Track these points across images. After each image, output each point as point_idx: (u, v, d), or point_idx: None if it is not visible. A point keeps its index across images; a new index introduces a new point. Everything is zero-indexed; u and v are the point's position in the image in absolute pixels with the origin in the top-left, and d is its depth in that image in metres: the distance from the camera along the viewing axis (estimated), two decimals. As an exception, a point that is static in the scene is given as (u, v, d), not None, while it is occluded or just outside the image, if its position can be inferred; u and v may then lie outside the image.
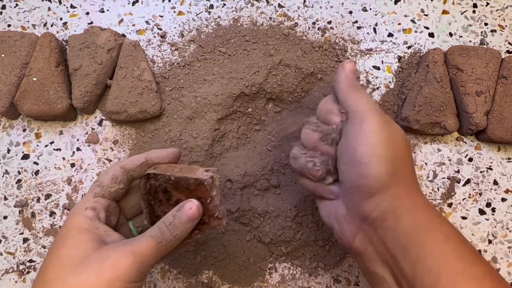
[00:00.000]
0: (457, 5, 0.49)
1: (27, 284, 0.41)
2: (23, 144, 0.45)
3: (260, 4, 0.49)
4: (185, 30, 0.48)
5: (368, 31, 0.48)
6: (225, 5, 0.49)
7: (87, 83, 0.42)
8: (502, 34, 0.48)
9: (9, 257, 0.42)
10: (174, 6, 0.49)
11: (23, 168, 0.44)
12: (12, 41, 0.43)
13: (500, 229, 0.44)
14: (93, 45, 0.43)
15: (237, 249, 0.42)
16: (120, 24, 0.48)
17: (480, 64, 0.43)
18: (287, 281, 0.42)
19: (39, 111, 0.42)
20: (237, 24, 0.47)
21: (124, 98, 0.42)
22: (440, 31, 0.48)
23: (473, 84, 0.43)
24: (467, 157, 0.45)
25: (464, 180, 0.45)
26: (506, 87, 0.43)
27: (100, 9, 0.49)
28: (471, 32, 0.48)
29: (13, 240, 0.42)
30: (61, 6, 0.49)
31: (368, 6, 0.49)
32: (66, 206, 0.43)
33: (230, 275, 0.42)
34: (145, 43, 0.47)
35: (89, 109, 0.44)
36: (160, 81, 0.45)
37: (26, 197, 0.43)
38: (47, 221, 0.43)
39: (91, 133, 0.45)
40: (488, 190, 0.45)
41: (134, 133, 0.45)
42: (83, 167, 0.44)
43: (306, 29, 0.48)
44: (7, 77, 0.42)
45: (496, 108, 0.43)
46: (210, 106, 0.43)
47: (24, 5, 0.49)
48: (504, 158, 0.45)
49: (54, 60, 0.42)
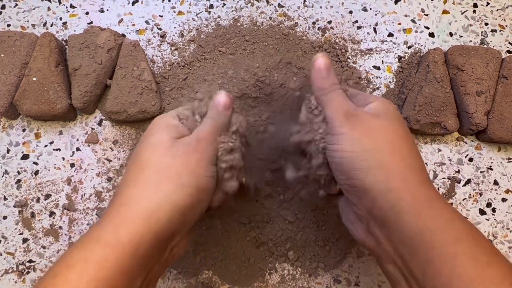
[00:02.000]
0: (457, 5, 0.49)
1: (26, 284, 0.41)
2: (22, 144, 0.45)
3: (260, 4, 0.49)
4: (185, 30, 0.47)
5: (368, 31, 0.48)
6: (225, 5, 0.48)
7: (86, 83, 0.42)
8: (502, 34, 0.48)
9: (8, 257, 0.42)
10: (174, 6, 0.49)
11: (22, 168, 0.44)
12: (12, 41, 0.43)
13: (501, 229, 0.44)
14: (93, 45, 0.42)
15: (237, 249, 0.42)
16: (120, 24, 0.48)
17: (480, 64, 0.43)
18: (287, 281, 0.42)
19: (38, 111, 0.42)
20: (237, 24, 0.47)
21: (124, 98, 0.42)
22: (440, 31, 0.48)
23: (474, 84, 0.43)
24: (467, 157, 0.45)
25: (465, 180, 0.45)
26: (507, 87, 0.43)
27: (99, 9, 0.48)
28: (472, 32, 0.48)
29: (13, 240, 0.42)
30: (61, 6, 0.49)
31: (368, 6, 0.49)
32: (66, 206, 0.43)
33: (230, 275, 0.42)
34: (145, 43, 0.47)
35: (88, 109, 0.44)
36: (160, 81, 0.45)
37: (26, 197, 0.43)
38: (46, 221, 0.43)
39: (91, 133, 0.45)
40: (489, 190, 0.44)
41: (134, 133, 0.45)
42: (83, 167, 0.44)
43: (306, 29, 0.48)
44: (6, 77, 0.42)
45: (497, 108, 0.43)
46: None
47: (23, 5, 0.48)
48: (505, 158, 0.45)
49: (54, 60, 0.42)
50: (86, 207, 0.43)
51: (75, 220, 0.43)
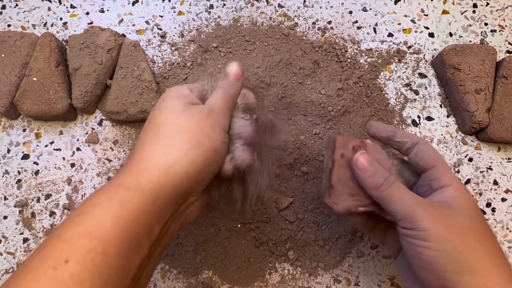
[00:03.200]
0: (457, 5, 0.49)
1: (27, 284, 0.41)
2: (23, 144, 0.45)
3: (260, 4, 0.49)
4: (185, 30, 0.48)
5: (368, 31, 0.48)
6: (225, 5, 0.49)
7: (87, 83, 0.42)
8: (502, 34, 0.48)
9: (9, 257, 0.42)
10: (174, 6, 0.49)
11: (23, 168, 0.44)
12: (12, 41, 0.43)
13: (500, 229, 0.44)
14: (93, 45, 0.43)
15: (237, 249, 0.42)
16: (120, 24, 0.48)
17: (476, 62, 0.43)
18: (287, 281, 0.42)
19: (39, 111, 0.42)
20: (237, 24, 0.47)
21: (124, 98, 0.42)
22: (440, 31, 0.48)
23: (472, 82, 0.43)
24: (467, 157, 0.45)
25: (464, 180, 0.45)
26: (506, 87, 0.43)
27: (100, 9, 0.49)
28: (471, 32, 0.48)
29: (13, 240, 0.42)
30: (61, 6, 0.49)
31: (368, 6, 0.49)
32: (66, 206, 0.43)
33: (230, 275, 0.42)
34: (145, 43, 0.47)
35: (89, 109, 0.44)
36: (160, 81, 0.45)
37: (26, 197, 0.43)
38: (47, 221, 0.43)
39: (91, 133, 0.45)
40: (488, 190, 0.45)
41: (134, 133, 0.45)
42: (83, 167, 0.44)
43: (306, 29, 0.48)
44: (7, 77, 0.42)
45: (497, 108, 0.43)
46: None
47: (24, 5, 0.49)
48: (504, 158, 0.45)
49: (54, 60, 0.42)
50: (86, 207, 0.43)
51: (75, 220, 0.43)
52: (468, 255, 0.26)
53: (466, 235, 0.26)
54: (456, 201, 0.28)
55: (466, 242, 0.26)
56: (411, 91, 0.47)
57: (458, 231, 0.26)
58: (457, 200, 0.28)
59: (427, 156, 0.30)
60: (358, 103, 0.45)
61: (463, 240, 0.26)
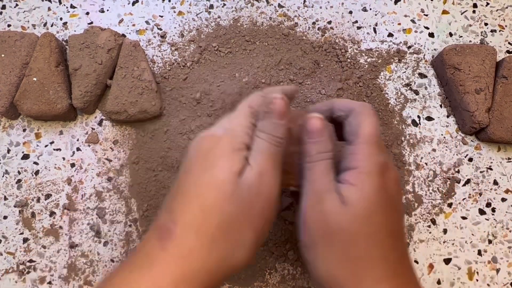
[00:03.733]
0: (457, 5, 0.49)
1: (27, 284, 0.41)
2: (23, 144, 0.45)
3: (260, 4, 0.49)
4: (185, 30, 0.48)
5: (368, 31, 0.48)
6: (225, 5, 0.49)
7: (87, 83, 0.42)
8: (502, 34, 0.48)
9: (9, 257, 0.42)
10: (174, 6, 0.49)
11: (23, 168, 0.44)
12: (12, 41, 0.43)
13: (500, 229, 0.44)
14: (93, 45, 0.43)
15: (237, 249, 0.42)
16: (120, 24, 0.48)
17: (476, 62, 0.43)
18: (287, 281, 0.42)
19: (39, 111, 0.42)
20: (237, 24, 0.47)
21: (124, 98, 0.42)
22: (440, 31, 0.48)
23: (472, 82, 0.43)
24: (467, 157, 0.45)
25: (464, 180, 0.45)
26: (507, 87, 0.43)
27: (100, 9, 0.49)
28: (471, 32, 0.48)
29: (13, 240, 0.42)
30: (61, 6, 0.49)
31: (368, 6, 0.49)
32: (66, 206, 0.43)
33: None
34: (145, 43, 0.47)
35: (89, 109, 0.44)
36: (160, 81, 0.45)
37: (26, 197, 0.43)
38: (47, 221, 0.43)
39: (91, 133, 0.45)
40: (488, 190, 0.45)
41: (134, 133, 0.45)
42: (83, 167, 0.44)
43: (306, 29, 0.48)
44: (7, 77, 0.42)
45: (497, 108, 0.43)
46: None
47: (24, 5, 0.49)
48: (504, 158, 0.45)
49: (54, 60, 0.42)
50: (86, 207, 0.43)
51: (75, 220, 0.43)
52: (339, 274, 0.25)
53: (346, 247, 0.25)
54: (349, 194, 0.26)
55: (340, 255, 0.25)
56: (411, 91, 0.47)
57: (339, 243, 0.25)
58: (350, 193, 0.25)
59: (350, 128, 0.28)
60: (358, 103, 0.45)
61: (337, 255, 0.25)
